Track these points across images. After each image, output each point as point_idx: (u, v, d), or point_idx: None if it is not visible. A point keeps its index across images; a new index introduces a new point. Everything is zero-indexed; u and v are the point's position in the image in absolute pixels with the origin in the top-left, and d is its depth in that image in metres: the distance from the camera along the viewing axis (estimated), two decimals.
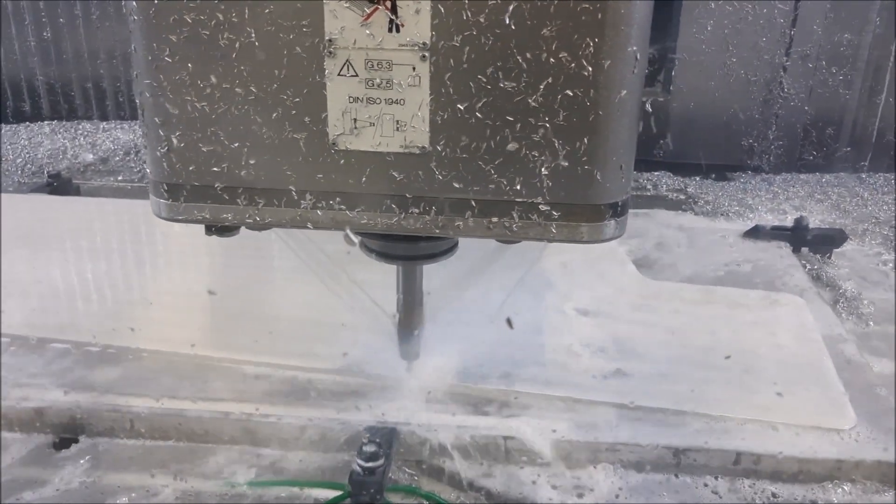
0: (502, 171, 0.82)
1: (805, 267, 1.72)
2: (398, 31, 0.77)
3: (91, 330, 1.34)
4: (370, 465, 1.02)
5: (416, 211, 0.84)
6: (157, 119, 0.81)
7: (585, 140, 0.80)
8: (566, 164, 0.81)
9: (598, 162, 0.81)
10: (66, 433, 1.18)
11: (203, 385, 1.22)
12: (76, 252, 1.65)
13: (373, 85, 0.79)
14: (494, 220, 0.84)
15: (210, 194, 0.84)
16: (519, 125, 0.80)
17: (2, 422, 1.17)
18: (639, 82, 0.80)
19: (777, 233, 1.83)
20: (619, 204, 0.84)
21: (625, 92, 0.78)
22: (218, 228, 0.89)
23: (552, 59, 0.77)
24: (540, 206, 0.83)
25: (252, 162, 0.83)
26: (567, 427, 1.14)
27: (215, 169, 0.83)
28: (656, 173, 2.30)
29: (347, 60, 0.78)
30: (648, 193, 2.20)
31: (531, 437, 1.12)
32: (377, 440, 1.05)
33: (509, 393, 1.20)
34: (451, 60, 0.78)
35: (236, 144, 0.82)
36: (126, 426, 1.17)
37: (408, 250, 1.04)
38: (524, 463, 1.12)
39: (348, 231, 1.06)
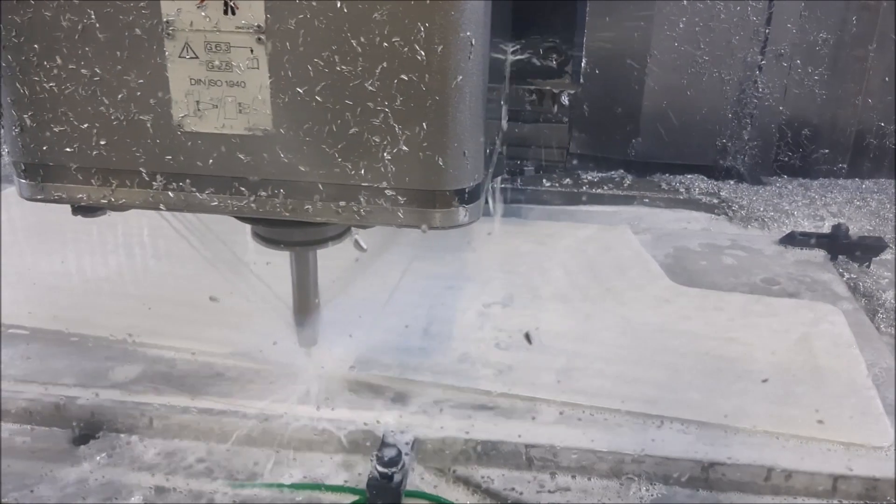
0: (346, 155, 0.82)
1: (842, 276, 1.66)
2: (233, 13, 0.78)
3: None
4: (389, 470, 1.01)
5: (265, 193, 0.85)
6: (9, 99, 0.83)
7: (424, 125, 0.80)
8: (407, 149, 0.81)
9: (439, 148, 0.81)
10: None
11: None
12: None
13: (213, 67, 0.80)
14: (343, 203, 0.85)
15: (65, 175, 0.86)
16: (359, 109, 0.80)
17: None
18: (478, 69, 0.80)
19: (813, 239, 1.78)
20: (467, 191, 0.84)
21: (461, 77, 0.78)
22: (81, 208, 0.91)
23: (385, 44, 0.77)
24: (386, 192, 0.83)
25: (102, 143, 0.84)
26: None
27: (68, 150, 0.85)
28: (689, 176, 2.27)
29: (186, 43, 0.79)
30: (681, 196, 2.18)
31: None
32: (396, 444, 1.05)
33: None
34: (288, 43, 0.78)
35: (86, 125, 0.83)
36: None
37: (288, 235, 1.05)
38: None
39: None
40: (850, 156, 2.36)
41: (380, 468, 1.01)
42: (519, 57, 1.18)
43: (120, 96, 0.82)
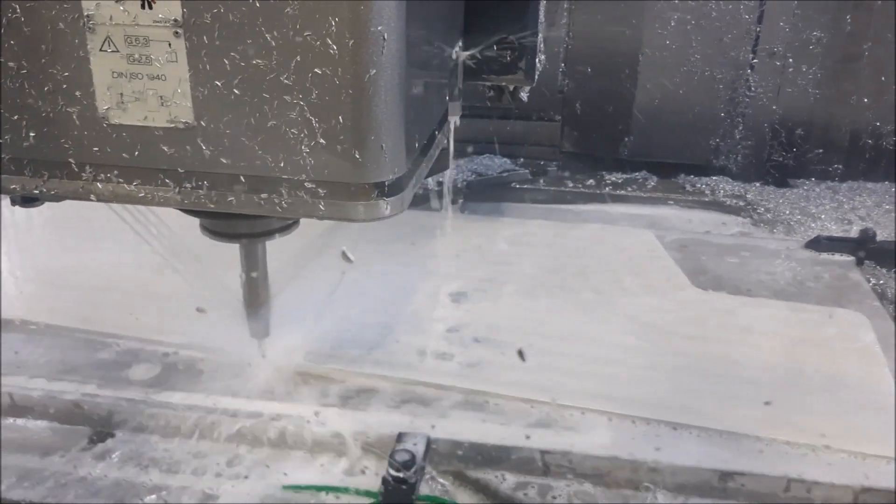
0: (266, 147, 0.83)
1: (869, 282, 1.64)
2: (150, 7, 0.79)
3: None
4: (403, 473, 1.02)
5: (190, 185, 0.87)
6: None
7: (340, 119, 0.81)
8: (324, 142, 0.82)
9: (355, 141, 0.82)
10: None
11: None
12: None
13: (133, 60, 0.81)
14: (265, 196, 0.86)
15: None
16: (276, 102, 0.81)
17: None
18: (394, 63, 0.80)
19: (841, 244, 1.76)
20: (387, 184, 0.85)
21: (374, 71, 0.79)
22: (20, 198, 0.93)
23: (298, 38, 0.78)
24: (306, 184, 0.84)
25: (32, 134, 0.86)
26: None
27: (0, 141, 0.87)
28: (714, 178, 2.26)
29: (108, 36, 0.81)
30: (706, 198, 2.17)
31: None
32: (410, 447, 1.06)
33: None
34: (205, 37, 0.80)
35: (15, 117, 0.85)
36: None
37: (235, 227, 1.06)
38: None
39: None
40: (846, 156, 2.33)
41: (393, 472, 1.02)
42: (472, 52, 1.19)
43: (46, 89, 0.83)
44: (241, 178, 0.85)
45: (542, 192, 2.19)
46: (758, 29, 2.18)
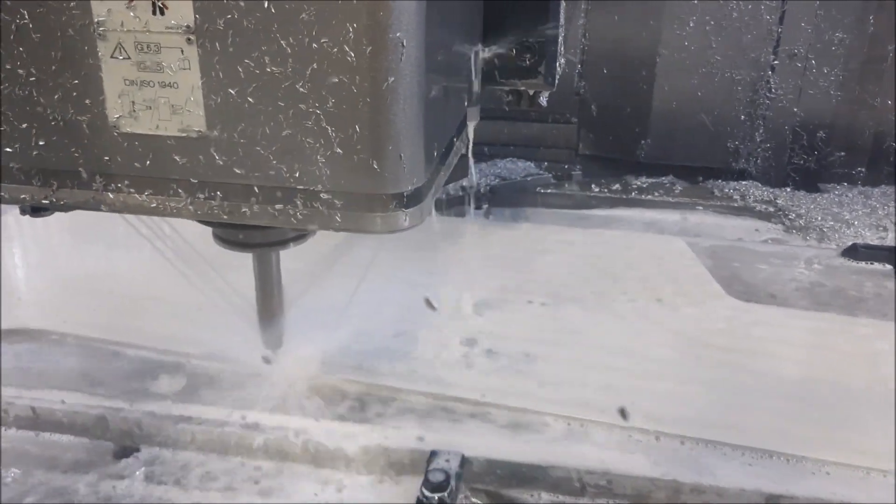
0: (280, 157, 0.81)
1: None
2: (162, 13, 0.77)
3: None
4: (438, 495, 0.99)
5: (202, 196, 0.84)
6: None
7: (357, 128, 0.78)
8: (341, 151, 0.79)
9: (373, 151, 0.79)
10: None
11: None
12: None
13: (145, 68, 0.79)
14: (279, 206, 0.83)
15: (6, 175, 0.86)
16: (291, 111, 0.79)
17: None
18: (413, 70, 0.78)
19: (879, 253, 1.69)
20: (406, 194, 0.82)
21: (392, 79, 0.76)
22: (29, 208, 0.91)
23: (315, 45, 0.76)
24: (321, 195, 0.82)
25: (41, 143, 0.84)
26: None
27: (8, 150, 0.85)
28: (744, 183, 2.22)
29: (119, 43, 0.79)
30: (736, 204, 2.12)
31: None
32: (444, 465, 1.03)
33: None
34: (218, 44, 0.77)
35: (24, 125, 0.83)
36: None
37: (248, 237, 1.04)
38: None
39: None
40: (868, 159, 2.28)
41: (428, 493, 0.99)
42: (491, 56, 1.16)
43: (56, 97, 0.81)
44: (255, 188, 0.83)
45: (567, 196, 2.15)
46: (779, 30, 2.14)
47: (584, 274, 1.56)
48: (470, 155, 1.13)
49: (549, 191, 2.18)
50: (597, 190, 2.18)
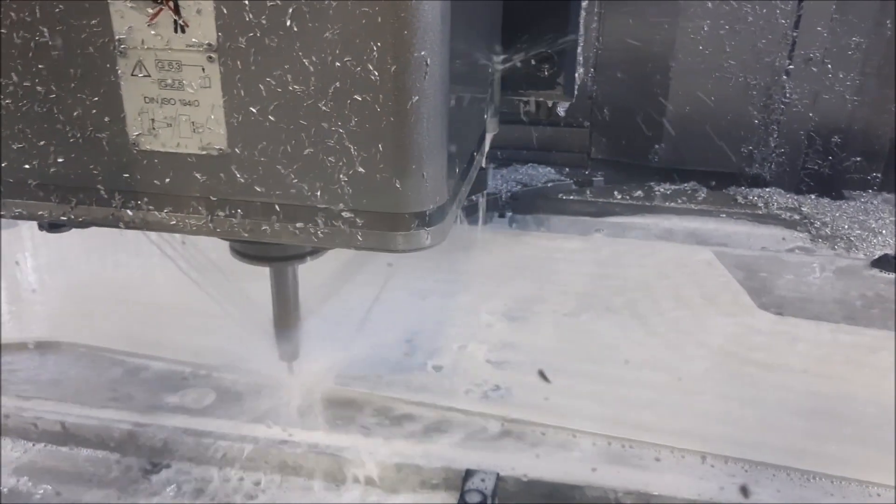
0: (302, 175, 0.80)
1: None
2: (184, 31, 0.76)
3: None
4: None
5: (223, 213, 0.83)
6: None
7: (380, 147, 0.77)
8: (363, 170, 0.78)
9: (396, 170, 0.78)
10: None
11: None
12: None
13: (165, 86, 0.78)
14: (300, 225, 0.83)
15: (25, 191, 0.85)
16: (313, 129, 0.78)
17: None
18: (436, 89, 0.77)
19: None
20: (428, 213, 0.81)
21: (416, 98, 0.75)
22: (46, 224, 0.90)
23: (338, 63, 0.75)
24: (343, 213, 0.81)
25: (60, 160, 0.83)
26: None
27: (27, 166, 0.84)
28: (767, 190, 2.20)
29: (139, 61, 0.78)
30: (759, 211, 2.10)
31: None
32: (480, 487, 1.02)
33: None
34: (240, 62, 0.76)
35: (43, 143, 0.82)
36: None
37: (265, 250, 1.03)
38: None
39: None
40: (885, 165, 2.26)
41: None
42: (510, 68, 1.15)
43: (75, 114, 0.81)
44: (276, 206, 0.82)
45: (589, 203, 2.13)
46: (794, 34, 2.12)
47: (611, 285, 1.54)
48: (482, 163, 1.12)
49: (570, 197, 2.17)
50: (619, 197, 2.16)
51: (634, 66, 2.25)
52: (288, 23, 0.74)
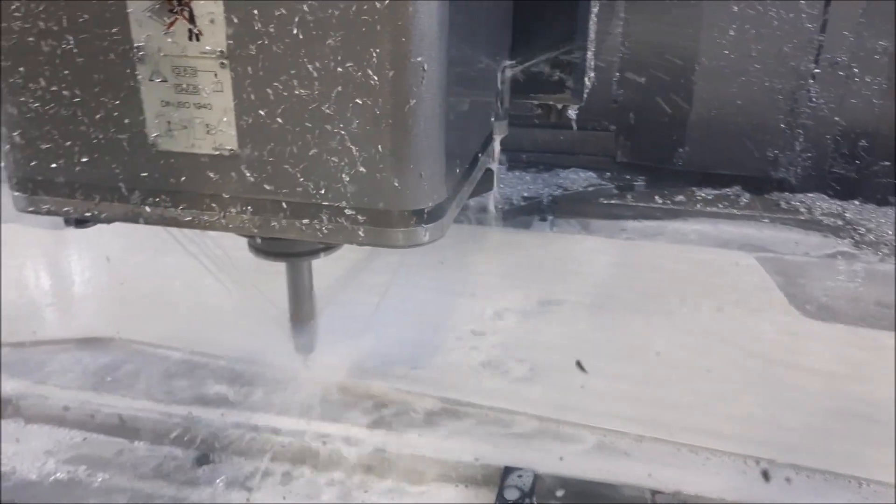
0: (307, 174, 0.85)
1: None
2: (198, 39, 0.81)
3: None
4: None
5: (234, 210, 0.88)
6: (1, 118, 0.88)
7: (380, 147, 0.82)
8: (364, 170, 0.83)
9: (394, 169, 0.82)
10: None
11: None
12: None
13: (181, 90, 0.84)
14: (305, 221, 0.87)
15: (52, 188, 0.91)
16: (317, 131, 0.82)
17: None
18: (434, 93, 0.81)
19: None
20: (426, 211, 0.85)
21: (414, 102, 0.79)
22: (73, 220, 0.96)
23: (340, 69, 0.79)
24: (346, 211, 0.85)
25: (84, 160, 0.89)
26: None
27: (53, 165, 0.90)
28: (810, 195, 2.21)
29: (157, 67, 0.83)
30: (802, 217, 2.10)
31: None
32: (519, 484, 1.05)
33: None
34: (249, 68, 0.81)
35: (68, 143, 0.88)
36: None
37: (281, 246, 1.08)
38: None
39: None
40: None
41: None
42: (520, 72, 1.19)
43: (98, 116, 0.86)
44: (284, 204, 0.86)
45: (630, 207, 2.13)
46: (821, 38, 2.12)
47: (653, 289, 1.55)
48: (488, 164, 1.15)
49: (611, 201, 2.19)
50: (660, 201, 2.17)
51: (659, 70, 2.26)
52: (294, 31, 0.78)
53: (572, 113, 1.28)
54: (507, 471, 1.09)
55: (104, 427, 1.23)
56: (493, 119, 1.11)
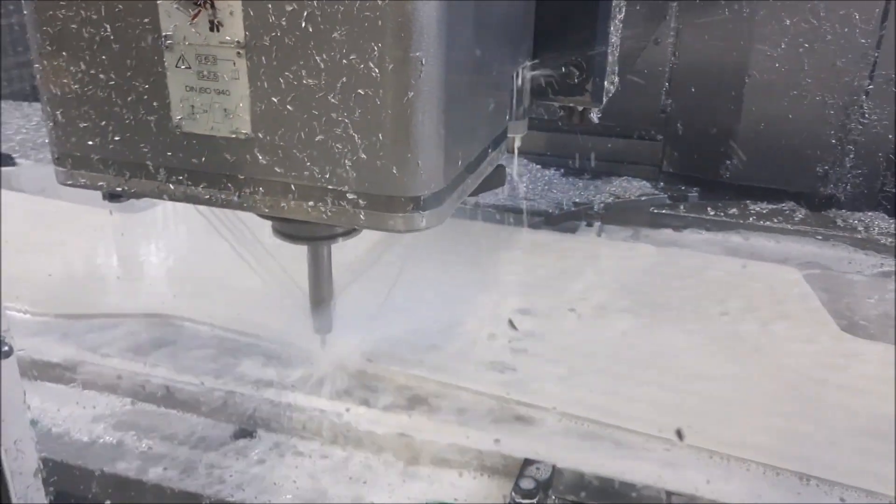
0: (314, 159, 0.91)
1: None
2: (218, 30, 0.88)
3: None
4: (527, 501, 1.05)
5: (248, 190, 0.95)
6: (45, 97, 0.97)
7: (380, 136, 0.87)
8: (365, 157, 0.88)
9: (393, 157, 0.88)
10: None
11: None
12: None
13: (203, 77, 0.91)
14: (311, 204, 0.93)
15: (88, 164, 1.00)
16: (323, 119, 0.88)
17: None
18: (432, 86, 0.86)
19: None
20: (423, 198, 0.90)
21: (412, 94, 0.85)
22: (108, 194, 1.04)
23: (344, 61, 0.85)
24: (348, 195, 0.91)
25: (117, 138, 0.97)
26: None
27: (90, 143, 0.98)
28: (869, 214, 2.19)
29: (182, 54, 0.90)
30: (859, 236, 2.07)
31: None
32: (536, 475, 1.09)
33: None
34: (263, 58, 0.88)
35: (103, 123, 0.96)
36: None
37: (302, 230, 1.15)
38: None
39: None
40: None
41: (519, 500, 1.04)
42: (540, 73, 1.22)
43: (129, 99, 0.94)
44: (292, 186, 0.93)
45: (681, 218, 2.13)
46: (876, 54, 2.09)
47: (694, 299, 1.55)
48: (500, 160, 1.19)
49: (663, 211, 2.19)
50: (712, 213, 2.17)
51: (710, 82, 2.26)
52: (303, 24, 0.85)
53: (594, 116, 1.31)
54: (527, 462, 1.12)
55: (153, 397, 1.32)
56: (508, 118, 1.15)
